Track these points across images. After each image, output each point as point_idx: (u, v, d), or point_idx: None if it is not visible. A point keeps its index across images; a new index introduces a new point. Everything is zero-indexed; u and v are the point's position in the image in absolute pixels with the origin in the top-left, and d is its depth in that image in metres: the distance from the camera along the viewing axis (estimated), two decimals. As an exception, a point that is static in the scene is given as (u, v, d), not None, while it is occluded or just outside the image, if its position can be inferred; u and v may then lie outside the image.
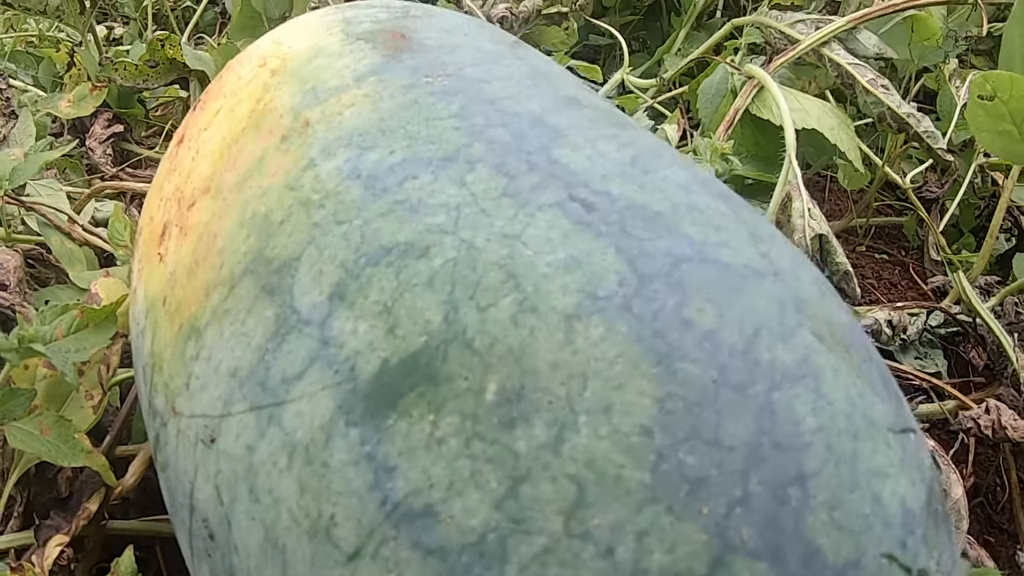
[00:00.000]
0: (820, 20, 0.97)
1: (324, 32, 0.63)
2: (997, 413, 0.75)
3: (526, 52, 0.63)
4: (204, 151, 0.60)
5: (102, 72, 1.23)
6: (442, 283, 0.41)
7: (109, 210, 1.09)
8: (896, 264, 1.23)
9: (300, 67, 0.60)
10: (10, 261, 0.77)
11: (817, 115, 0.86)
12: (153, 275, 0.60)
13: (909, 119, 0.90)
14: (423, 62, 0.56)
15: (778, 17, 1.00)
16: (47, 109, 1.19)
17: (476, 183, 0.44)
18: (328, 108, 0.54)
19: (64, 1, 1.26)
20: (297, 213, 0.48)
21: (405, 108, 0.51)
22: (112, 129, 1.18)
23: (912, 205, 1.16)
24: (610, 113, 0.54)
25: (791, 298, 0.42)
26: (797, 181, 0.77)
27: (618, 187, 0.44)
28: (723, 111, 0.88)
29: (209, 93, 0.68)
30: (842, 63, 0.92)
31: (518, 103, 0.51)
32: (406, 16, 0.65)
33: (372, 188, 0.46)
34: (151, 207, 0.66)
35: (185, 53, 1.25)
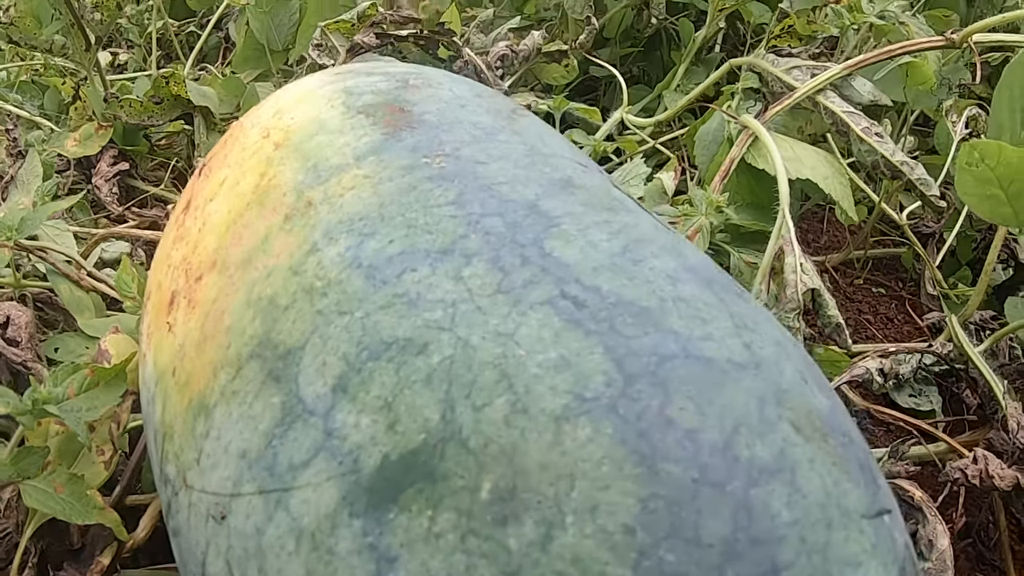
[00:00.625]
0: (816, 67, 0.99)
1: (326, 104, 0.66)
2: (985, 463, 0.78)
3: (523, 124, 0.66)
4: (210, 223, 0.64)
5: (107, 109, 1.26)
6: (439, 381, 0.44)
7: (116, 250, 1.13)
8: (893, 298, 1.25)
9: (302, 142, 0.63)
10: (21, 317, 0.80)
11: (811, 164, 0.89)
12: (162, 345, 0.63)
13: (903, 167, 0.93)
14: (422, 140, 0.59)
15: (774, 61, 1.03)
16: (54, 148, 1.22)
17: (472, 278, 0.47)
18: (330, 189, 0.57)
19: (69, 38, 1.29)
20: (301, 300, 0.51)
21: (404, 193, 0.54)
22: (118, 167, 1.22)
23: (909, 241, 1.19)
24: (603, 194, 0.57)
25: (771, 391, 0.45)
26: (790, 235, 0.80)
27: (608, 281, 0.47)
28: (719, 160, 0.91)
29: (214, 159, 0.71)
30: (837, 111, 0.95)
31: (513, 188, 0.54)
32: (406, 86, 0.68)
33: (373, 279, 0.49)
34: (159, 273, 0.69)
35: (190, 89, 1.28)
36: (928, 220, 1.23)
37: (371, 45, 0.99)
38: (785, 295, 0.78)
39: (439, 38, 0.99)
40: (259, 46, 1.47)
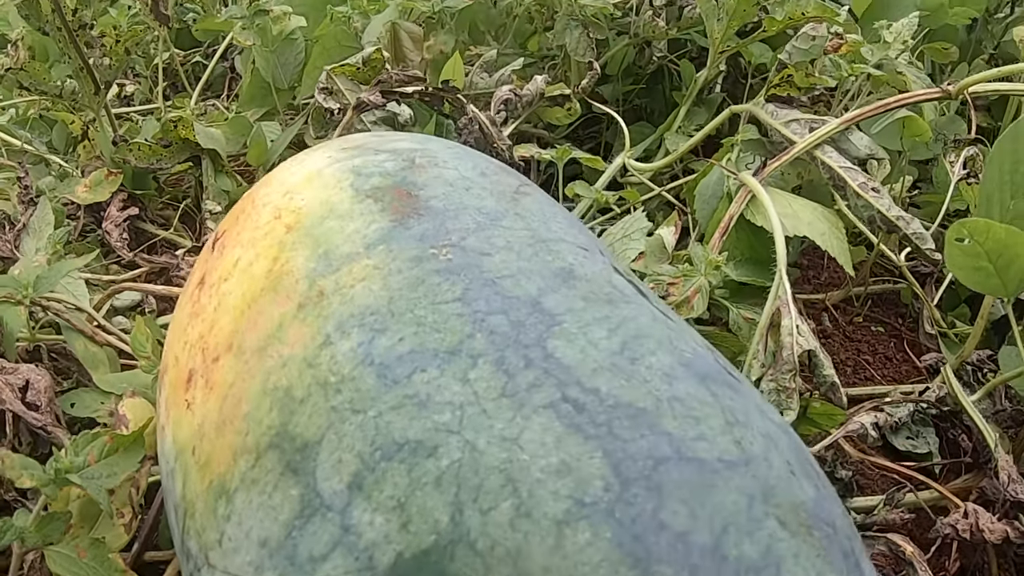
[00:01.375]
0: (814, 120, 1.03)
1: (334, 186, 0.70)
2: (975, 517, 0.82)
3: (526, 205, 0.69)
4: (225, 304, 0.67)
5: (116, 153, 1.31)
6: (448, 484, 0.48)
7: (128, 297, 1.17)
8: (892, 336, 1.29)
9: (313, 227, 0.67)
10: (40, 381, 0.84)
11: (808, 220, 0.93)
12: (181, 421, 0.67)
13: (899, 222, 0.97)
14: (429, 229, 0.63)
15: (774, 113, 1.07)
16: (64, 194, 1.26)
17: (478, 381, 0.51)
18: (341, 279, 0.61)
19: (78, 82, 1.33)
20: (316, 394, 0.55)
21: (412, 288, 0.58)
22: (128, 211, 1.26)
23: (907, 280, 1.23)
24: (604, 283, 0.61)
25: (759, 489, 0.49)
26: (787, 296, 0.83)
27: (607, 383, 0.51)
28: (719, 216, 0.95)
29: (227, 235, 0.75)
30: (834, 167, 0.99)
31: (517, 283, 0.58)
32: (412, 167, 0.71)
33: (384, 378, 0.53)
34: (175, 347, 0.73)
35: (197, 132, 1.32)
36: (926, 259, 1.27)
37: (376, 103, 1.03)
38: (782, 356, 0.82)
39: (444, 95, 1.03)
40: (265, 84, 1.51)
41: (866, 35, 1.45)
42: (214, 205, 1.31)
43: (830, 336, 1.27)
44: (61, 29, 1.31)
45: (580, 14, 1.35)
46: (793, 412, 0.83)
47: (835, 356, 1.23)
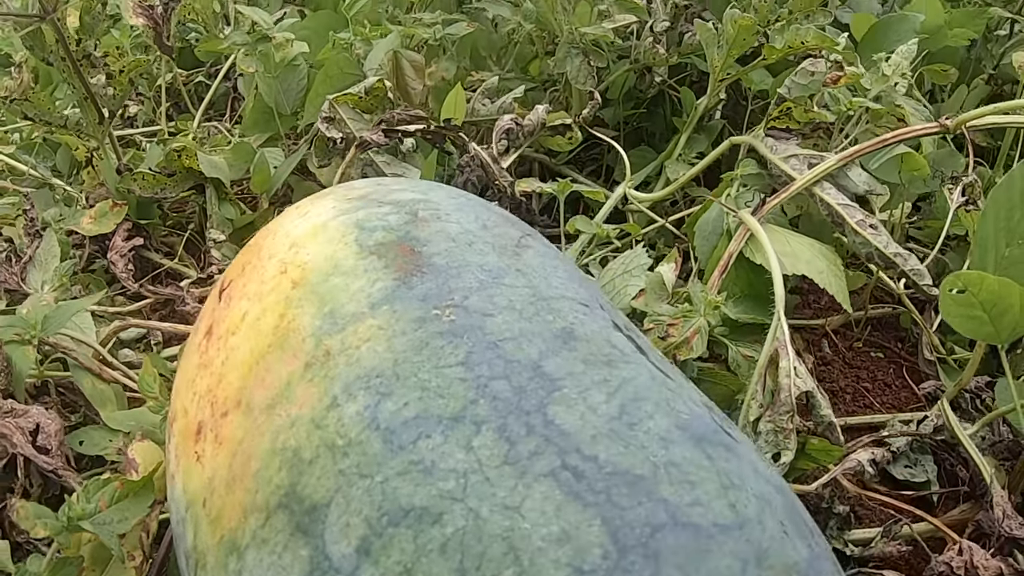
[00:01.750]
0: (812, 156, 1.06)
1: (339, 240, 0.72)
2: (970, 554, 0.84)
3: (528, 259, 0.72)
4: (233, 359, 0.70)
5: (121, 183, 1.33)
6: (453, 551, 0.50)
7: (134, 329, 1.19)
8: (892, 361, 1.31)
9: (319, 284, 0.69)
10: (51, 425, 0.86)
11: (807, 259, 0.95)
12: (191, 474, 0.69)
13: (896, 259, 0.99)
14: (432, 289, 0.65)
15: (773, 147, 1.09)
16: (70, 225, 1.29)
17: (481, 448, 0.54)
18: (347, 339, 0.63)
19: (82, 112, 1.36)
20: (324, 456, 0.58)
21: (416, 351, 0.60)
22: (133, 242, 1.28)
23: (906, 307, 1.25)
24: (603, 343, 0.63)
25: (753, 552, 0.51)
26: (784, 338, 0.86)
27: (605, 450, 0.53)
28: (718, 254, 0.97)
29: (233, 287, 0.77)
30: (832, 204, 1.01)
31: (518, 346, 0.60)
32: (415, 221, 0.74)
33: (390, 443, 0.55)
34: (183, 396, 0.75)
35: (201, 161, 1.34)
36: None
37: (379, 143, 1.05)
38: (780, 398, 0.84)
39: (446, 133, 1.05)
40: (268, 110, 1.54)
41: (865, 59, 1.48)
42: (218, 234, 1.34)
43: (830, 363, 1.29)
44: (65, 59, 1.34)
45: (581, 42, 1.37)
46: (791, 452, 0.85)
47: (834, 383, 1.25)
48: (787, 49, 1.26)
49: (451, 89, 1.38)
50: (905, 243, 1.36)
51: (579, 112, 1.36)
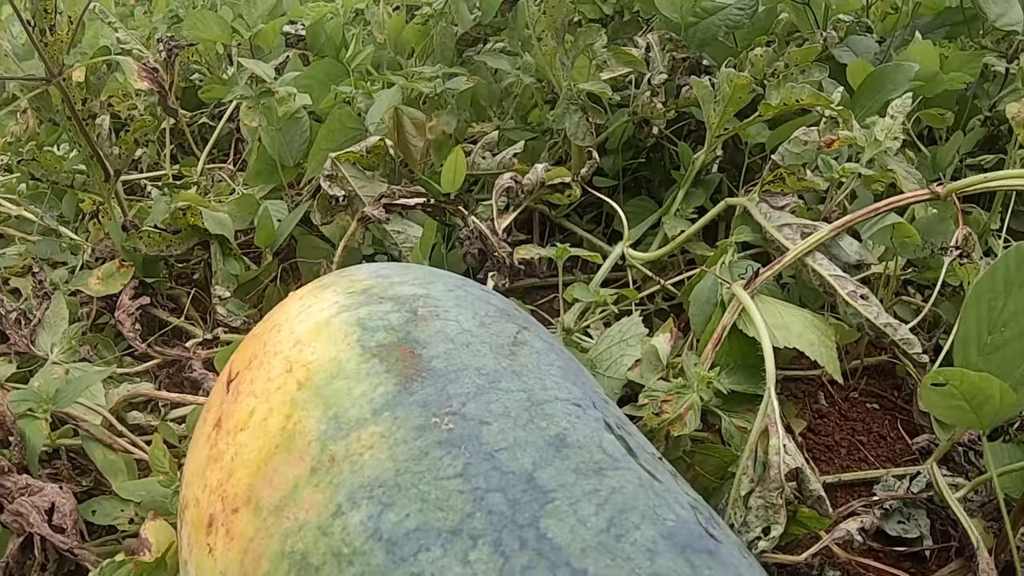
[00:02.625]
0: (805, 225, 1.10)
1: (342, 340, 0.77)
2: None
3: (523, 359, 0.76)
4: (242, 456, 0.74)
5: (127, 241, 1.38)
6: (452, 670, 0.54)
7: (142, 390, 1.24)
8: (888, 412, 1.35)
9: (323, 387, 0.73)
10: (65, 504, 0.91)
11: (798, 331, 1.00)
12: (203, 565, 0.74)
13: (887, 329, 1.03)
14: (431, 395, 0.70)
15: (767, 214, 1.13)
16: (78, 286, 1.34)
17: (478, 562, 0.58)
18: (350, 445, 0.68)
19: (88, 169, 1.41)
20: (331, 563, 0.62)
21: (417, 461, 0.65)
22: (139, 301, 1.33)
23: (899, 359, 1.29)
24: (595, 449, 0.67)
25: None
26: (775, 415, 0.90)
27: (594, 563, 0.58)
28: (712, 327, 1.02)
29: (241, 380, 0.82)
30: (824, 275, 1.06)
31: (513, 456, 0.65)
32: (415, 320, 0.78)
33: (393, 554, 0.60)
34: (195, 487, 0.80)
35: (206, 218, 1.39)
36: (920, 337, 1.33)
37: (380, 219, 1.09)
38: (769, 475, 0.88)
39: (446, 207, 1.09)
40: (271, 161, 1.58)
41: (860, 107, 1.52)
42: (223, 290, 1.38)
43: (825, 415, 1.34)
44: (71, 118, 1.39)
45: (579, 98, 1.42)
46: (780, 526, 0.89)
47: (829, 437, 1.30)
48: (782, 106, 1.30)
49: (452, 143, 1.43)
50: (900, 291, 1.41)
51: (578, 169, 1.41)
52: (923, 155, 1.66)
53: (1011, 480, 1.04)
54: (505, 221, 1.31)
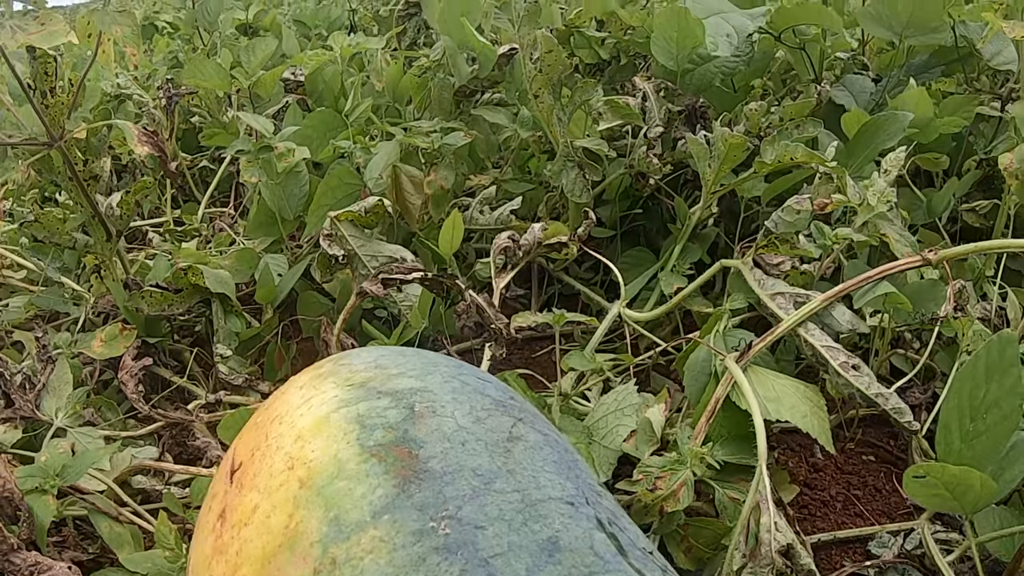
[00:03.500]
0: (798, 295, 1.13)
1: (342, 439, 0.80)
2: None
3: (519, 456, 0.80)
4: (246, 552, 0.78)
5: (129, 301, 1.42)
6: None
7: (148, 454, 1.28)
8: (883, 463, 1.37)
9: (324, 487, 0.77)
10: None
11: (791, 404, 1.03)
12: (209, 660, 0.77)
13: (878, 399, 1.07)
14: (428, 497, 0.73)
15: (761, 281, 1.16)
16: (81, 349, 1.37)
17: None
18: (351, 549, 0.72)
19: (90, 231, 1.44)
20: (333, 673, 0.66)
21: (415, 567, 0.68)
22: (142, 362, 1.37)
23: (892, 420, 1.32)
24: (586, 552, 0.71)
25: None
26: (766, 492, 0.94)
27: None
28: (706, 399, 1.05)
29: (244, 473, 0.85)
30: (816, 346, 1.09)
31: (507, 563, 0.68)
32: (412, 417, 0.82)
33: (391, 669, 0.64)
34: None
35: (207, 277, 1.43)
36: (915, 391, 1.36)
37: (378, 294, 1.13)
38: (760, 552, 0.92)
39: (444, 281, 1.13)
40: (271, 214, 1.62)
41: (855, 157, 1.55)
42: (224, 349, 1.42)
43: (822, 469, 1.37)
44: (72, 179, 1.43)
45: (576, 155, 1.46)
46: (773, 602, 0.93)
47: (825, 492, 1.32)
48: (777, 164, 1.34)
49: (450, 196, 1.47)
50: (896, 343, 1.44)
51: (575, 223, 1.44)
52: (918, 199, 1.69)
53: (1002, 544, 1.07)
54: (503, 280, 1.34)
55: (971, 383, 0.88)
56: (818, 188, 1.40)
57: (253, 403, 1.37)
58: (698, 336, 1.15)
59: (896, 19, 1.79)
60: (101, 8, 1.34)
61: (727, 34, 1.46)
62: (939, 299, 1.19)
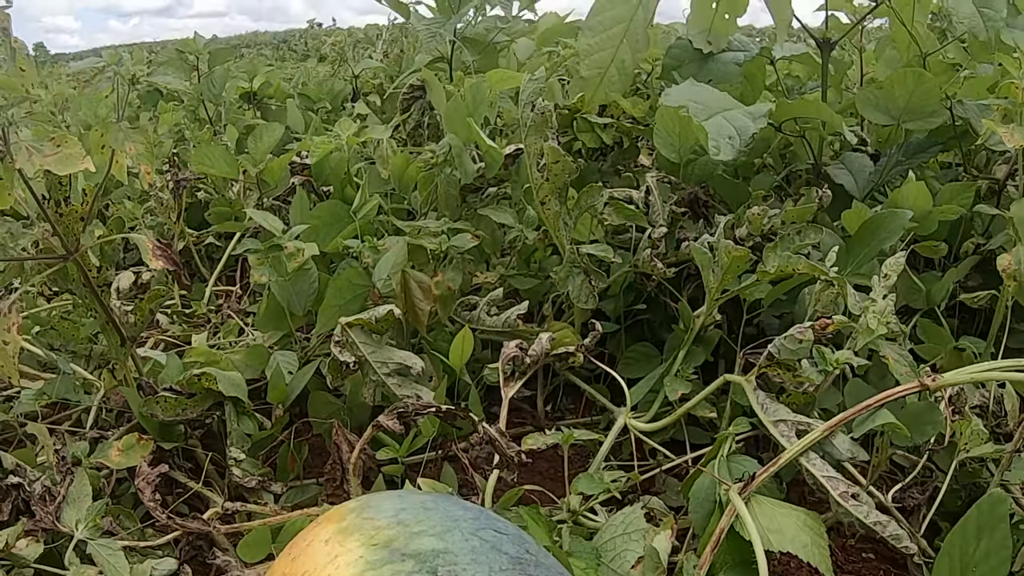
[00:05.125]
0: (800, 423, 1.20)
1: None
2: None
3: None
4: None
5: (144, 407, 1.48)
6: None
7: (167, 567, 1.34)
8: (883, 560, 1.43)
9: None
10: None
11: (792, 535, 1.09)
12: None
13: (876, 527, 1.13)
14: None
15: (764, 406, 1.23)
16: (98, 459, 1.43)
17: None
18: None
19: (104, 335, 1.51)
20: None
21: None
22: (158, 469, 1.42)
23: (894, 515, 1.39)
24: None
25: None
26: (771, 630, 1.00)
27: None
28: (711, 529, 1.12)
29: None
30: (817, 476, 1.16)
31: None
32: (435, 581, 0.88)
33: None
34: None
35: (219, 381, 1.49)
36: (914, 492, 1.42)
37: (393, 429, 1.19)
38: None
39: (458, 414, 1.19)
40: (280, 309, 1.68)
41: (856, 255, 1.62)
42: (238, 452, 1.48)
43: (821, 570, 1.43)
44: (87, 286, 1.49)
45: (582, 262, 1.52)
46: None
47: (827, 591, 1.39)
48: (779, 272, 1.40)
49: (457, 296, 1.54)
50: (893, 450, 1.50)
51: (581, 320, 1.51)
52: (917, 287, 1.75)
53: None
54: (511, 390, 1.41)
55: (961, 542, 0.94)
56: (819, 294, 1.47)
57: (268, 509, 1.42)
58: (702, 465, 1.22)
59: (894, 105, 1.86)
60: (115, 124, 1.40)
61: (729, 136, 1.53)
62: (937, 423, 1.25)
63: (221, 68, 2.77)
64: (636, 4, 1.78)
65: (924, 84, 1.84)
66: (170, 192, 1.96)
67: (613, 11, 1.80)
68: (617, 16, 1.79)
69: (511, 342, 1.44)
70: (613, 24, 1.80)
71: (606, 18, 1.80)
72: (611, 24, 1.80)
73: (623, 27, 1.79)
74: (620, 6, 1.79)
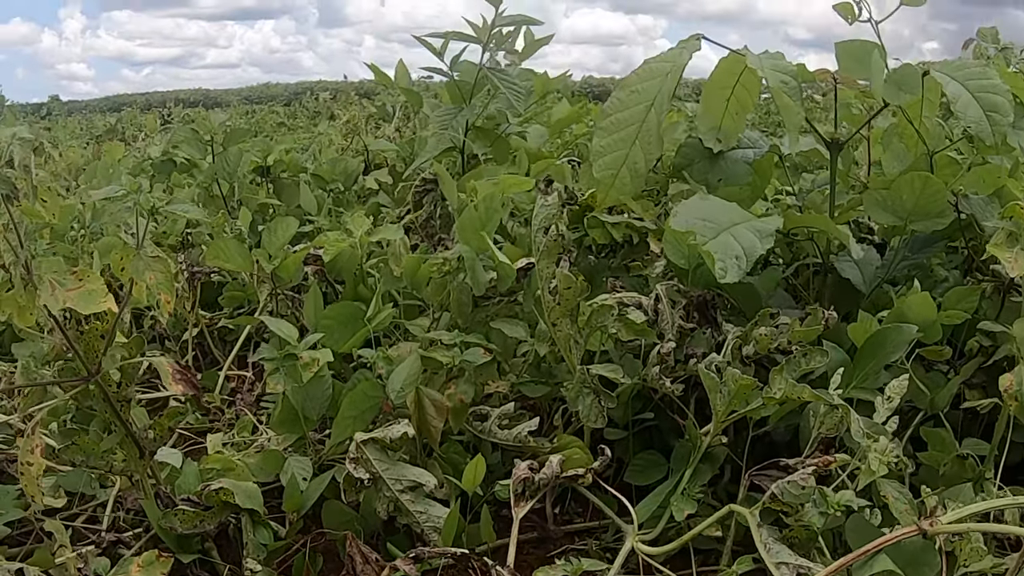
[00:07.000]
0: (800, 566, 1.25)
1: None
2: None
3: None
4: None
5: (163, 520, 1.54)
6: None
7: None
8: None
9: None
10: None
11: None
12: None
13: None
14: None
15: (767, 545, 1.29)
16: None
17: None
18: None
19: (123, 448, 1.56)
20: None
21: None
22: (177, 584, 1.49)
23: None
24: None
25: None
26: None
27: None
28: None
29: None
30: (817, 631, 1.22)
31: None
32: None
33: None
34: None
35: (236, 493, 1.55)
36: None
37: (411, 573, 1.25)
38: None
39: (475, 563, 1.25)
40: (294, 412, 1.74)
41: (861, 368, 1.68)
42: (254, 564, 1.54)
43: None
44: (106, 400, 1.55)
45: (592, 383, 1.58)
46: None
47: None
48: (784, 398, 1.46)
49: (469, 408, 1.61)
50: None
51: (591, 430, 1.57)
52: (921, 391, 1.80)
53: None
54: (523, 511, 1.47)
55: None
56: (824, 417, 1.53)
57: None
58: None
59: (901, 208, 1.91)
60: (136, 252, 1.46)
61: (736, 256, 1.58)
62: (934, 565, 1.31)
63: (235, 148, 2.83)
64: (649, 105, 1.84)
65: (931, 187, 1.89)
66: (186, 282, 2.03)
67: (625, 111, 1.86)
68: (630, 117, 1.85)
69: (522, 463, 1.50)
70: (626, 125, 1.85)
71: (619, 119, 1.86)
72: (624, 125, 1.85)
73: (636, 128, 1.84)
74: (632, 107, 1.84)
